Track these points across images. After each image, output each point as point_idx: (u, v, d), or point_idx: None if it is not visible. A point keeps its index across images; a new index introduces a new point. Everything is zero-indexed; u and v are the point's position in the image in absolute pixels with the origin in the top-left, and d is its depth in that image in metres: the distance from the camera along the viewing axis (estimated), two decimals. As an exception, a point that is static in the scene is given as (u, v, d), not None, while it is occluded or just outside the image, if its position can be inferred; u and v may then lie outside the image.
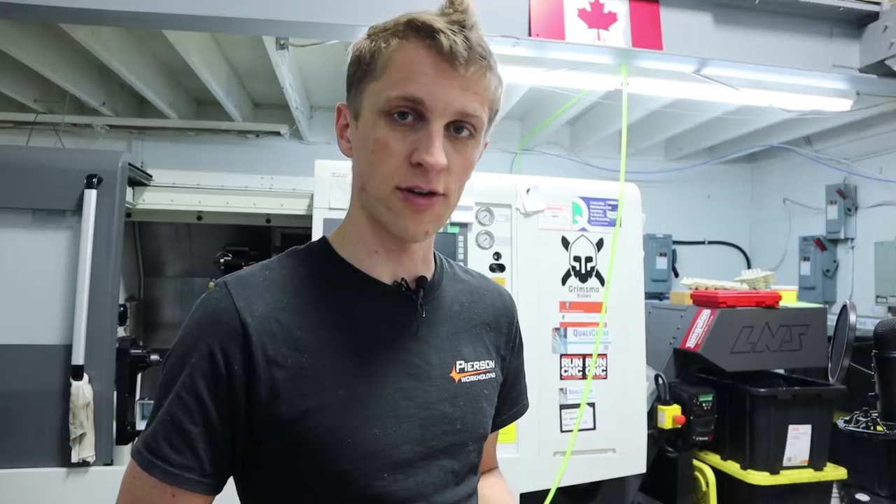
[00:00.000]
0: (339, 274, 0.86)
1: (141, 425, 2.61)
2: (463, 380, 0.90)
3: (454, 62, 0.77)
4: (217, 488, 0.80)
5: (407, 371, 0.84)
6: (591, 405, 2.65)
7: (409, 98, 0.77)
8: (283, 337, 0.79)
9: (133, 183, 2.59)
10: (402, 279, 0.88)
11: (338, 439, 0.78)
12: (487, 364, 0.95)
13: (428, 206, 0.80)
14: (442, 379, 0.88)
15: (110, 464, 2.26)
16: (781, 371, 3.51)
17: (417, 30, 0.78)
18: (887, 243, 4.48)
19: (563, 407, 2.62)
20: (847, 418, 1.52)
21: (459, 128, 0.80)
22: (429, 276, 0.92)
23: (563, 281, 2.69)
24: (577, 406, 2.62)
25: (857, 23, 2.98)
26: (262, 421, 0.77)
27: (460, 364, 0.90)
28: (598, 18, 2.71)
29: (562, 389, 2.62)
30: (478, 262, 2.59)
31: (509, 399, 1.04)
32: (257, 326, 0.78)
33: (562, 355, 2.64)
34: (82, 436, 2.18)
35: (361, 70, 0.82)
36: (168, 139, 5.15)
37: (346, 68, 0.86)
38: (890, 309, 4.38)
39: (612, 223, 2.76)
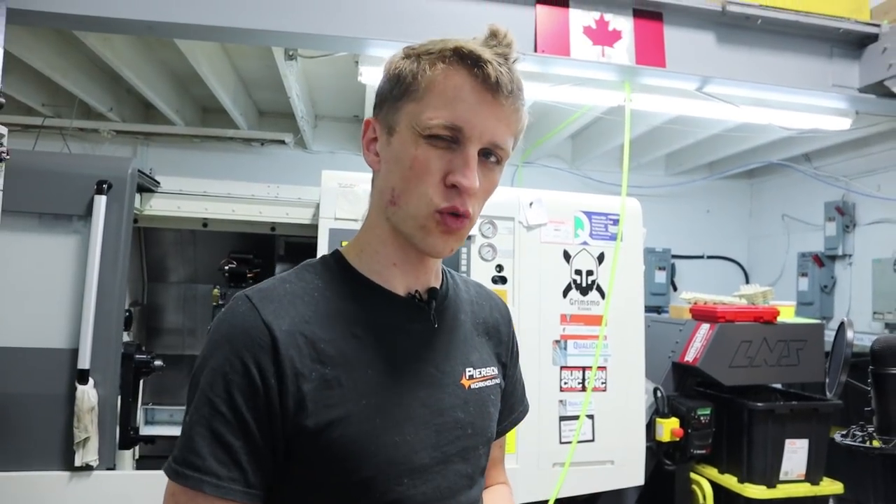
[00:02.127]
0: (354, 286, 0.89)
1: (144, 430, 2.63)
2: (472, 386, 0.93)
3: (496, 93, 0.81)
4: (262, 499, 0.81)
5: (422, 379, 0.88)
6: (591, 417, 2.67)
7: (450, 126, 0.81)
8: (308, 350, 0.81)
9: (141, 189, 2.62)
10: (416, 291, 0.92)
11: (361, 447, 0.80)
12: (492, 370, 0.98)
13: (459, 227, 0.84)
14: (454, 386, 0.91)
15: (113, 468, 2.28)
16: (778, 386, 3.54)
17: (464, 57, 0.81)
18: (885, 260, 4.52)
19: (562, 418, 2.64)
20: (844, 432, 1.55)
21: (489, 153, 0.84)
22: (438, 286, 0.96)
23: (565, 294, 2.72)
24: (576, 418, 2.64)
25: (857, 44, 3.03)
26: (291, 432, 0.79)
27: (469, 371, 0.94)
28: (603, 36, 2.75)
29: (561, 401, 2.65)
30: (480, 273, 2.62)
31: (509, 405, 1.08)
32: (285, 340, 0.80)
33: (562, 367, 2.67)
34: (86, 440, 2.21)
35: (400, 88, 0.84)
36: (173, 146, 5.20)
37: (381, 83, 0.89)
38: (887, 325, 4.41)
39: (613, 237, 2.80)
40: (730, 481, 3.09)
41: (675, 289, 6.02)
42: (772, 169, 5.70)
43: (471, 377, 0.94)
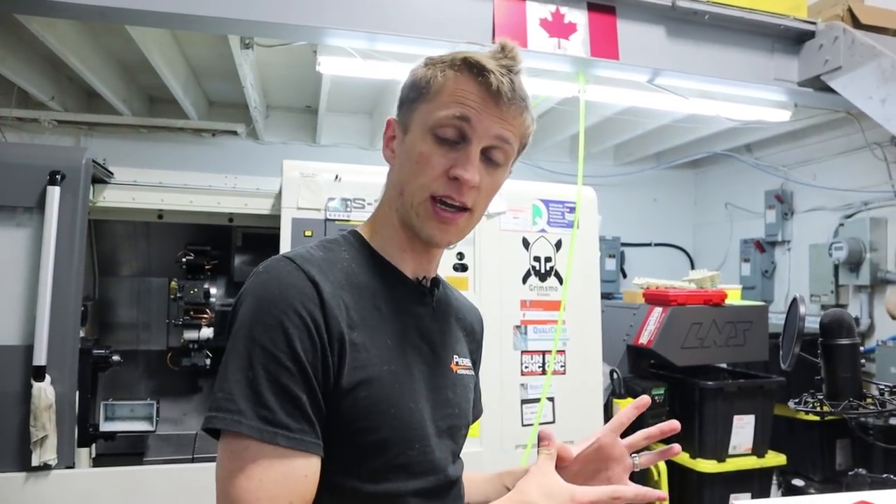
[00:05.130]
0: (375, 263, 0.95)
1: (104, 426, 2.57)
2: (458, 372, 1.02)
3: (498, 99, 0.88)
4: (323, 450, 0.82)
5: (425, 357, 0.95)
6: (551, 399, 2.75)
7: (458, 117, 0.88)
8: (344, 313, 0.85)
9: (94, 180, 2.54)
10: (423, 276, 0.99)
11: (383, 409, 0.85)
12: (468, 363, 1.07)
13: (453, 219, 0.91)
14: (445, 368, 0.99)
15: (72, 466, 2.22)
16: (724, 365, 3.71)
17: (471, 66, 0.89)
18: (820, 245, 4.76)
19: (524, 402, 2.71)
20: (797, 400, 1.68)
21: (492, 155, 0.91)
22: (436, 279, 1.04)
23: (524, 280, 2.78)
24: (537, 400, 2.71)
25: (796, 40, 3.19)
26: (328, 388, 0.83)
27: (456, 358, 1.02)
28: (559, 28, 2.82)
29: (523, 385, 2.71)
30: (442, 261, 2.62)
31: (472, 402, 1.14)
32: (330, 300, 0.84)
33: (522, 352, 2.73)
34: (44, 438, 2.13)
35: (416, 92, 0.93)
36: (118, 136, 5.02)
37: (402, 88, 0.97)
38: (823, 307, 4.66)
39: (570, 225, 2.87)
40: (682, 457, 3.22)
41: (624, 276, 6.19)
42: (715, 159, 5.92)
43: (457, 363, 1.02)
